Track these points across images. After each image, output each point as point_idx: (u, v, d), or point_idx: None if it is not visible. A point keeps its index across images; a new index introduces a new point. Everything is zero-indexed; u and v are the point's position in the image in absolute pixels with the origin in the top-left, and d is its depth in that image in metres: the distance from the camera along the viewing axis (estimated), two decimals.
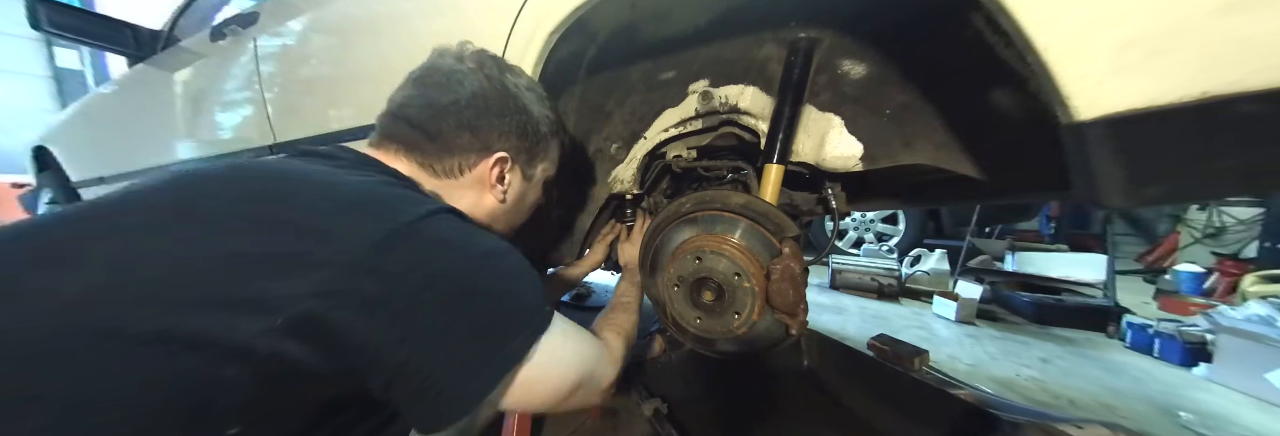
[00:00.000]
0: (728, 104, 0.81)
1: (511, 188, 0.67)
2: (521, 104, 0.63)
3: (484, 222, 0.67)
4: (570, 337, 0.52)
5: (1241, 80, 0.32)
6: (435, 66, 0.62)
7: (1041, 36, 0.38)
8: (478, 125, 0.61)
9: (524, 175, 0.69)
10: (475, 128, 0.60)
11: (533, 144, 0.67)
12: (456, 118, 0.59)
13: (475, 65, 0.62)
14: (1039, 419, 0.76)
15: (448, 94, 0.60)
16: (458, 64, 0.61)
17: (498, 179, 0.65)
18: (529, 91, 0.65)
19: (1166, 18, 0.34)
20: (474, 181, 0.63)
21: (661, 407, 0.88)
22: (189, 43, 1.53)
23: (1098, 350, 2.03)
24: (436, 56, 0.63)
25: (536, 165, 0.70)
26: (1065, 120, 0.39)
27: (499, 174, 0.64)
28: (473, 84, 0.60)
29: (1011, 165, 0.65)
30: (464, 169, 0.62)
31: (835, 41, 0.72)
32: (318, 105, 1.17)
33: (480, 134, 0.61)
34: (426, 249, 0.43)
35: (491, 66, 0.62)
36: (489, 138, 0.62)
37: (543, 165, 0.71)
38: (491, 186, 0.65)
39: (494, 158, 0.63)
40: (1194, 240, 3.98)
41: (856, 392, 0.91)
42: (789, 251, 0.67)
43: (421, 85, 0.61)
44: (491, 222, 0.68)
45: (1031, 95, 0.41)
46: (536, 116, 0.65)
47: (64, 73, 6.26)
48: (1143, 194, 0.38)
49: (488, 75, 0.61)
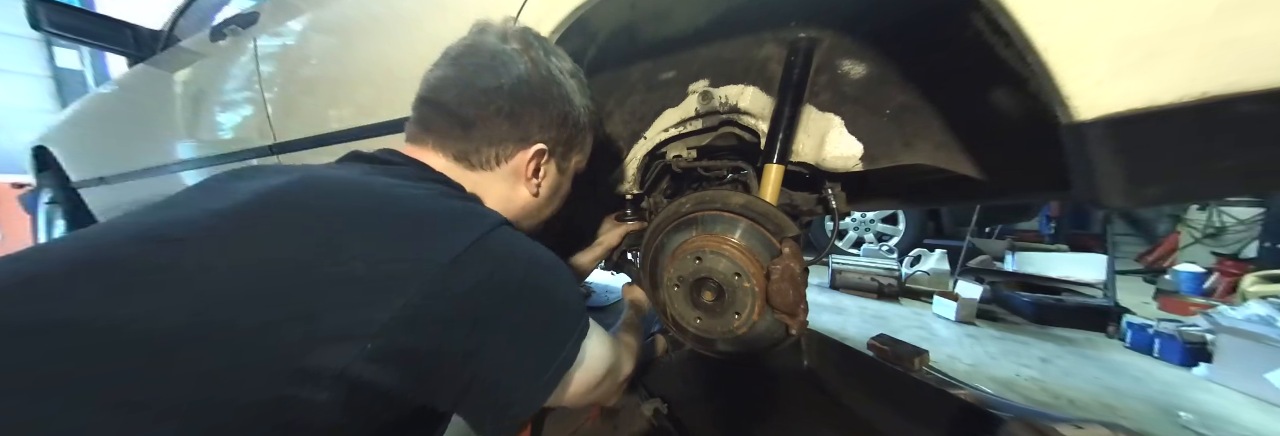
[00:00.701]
0: (728, 104, 0.81)
1: (546, 180, 0.64)
2: (565, 92, 0.59)
3: (517, 217, 0.64)
4: (603, 339, 0.55)
5: (1241, 80, 0.33)
6: (477, 45, 0.57)
7: (1041, 36, 0.38)
8: (518, 114, 0.56)
9: (558, 168, 0.65)
10: (515, 116, 0.56)
11: (572, 135, 0.63)
12: (495, 105, 0.55)
13: (521, 46, 0.57)
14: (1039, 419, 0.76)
15: (489, 78, 0.55)
16: (501, 44, 0.56)
17: (534, 172, 0.61)
18: (573, 78, 0.61)
19: (1166, 18, 0.34)
20: (509, 173, 0.60)
21: (661, 407, 0.88)
22: (189, 43, 1.53)
23: (1098, 350, 2.03)
24: (477, 34, 0.58)
25: (572, 157, 0.67)
26: (1065, 120, 0.39)
27: (536, 167, 0.61)
28: (517, 68, 0.55)
29: (1011, 165, 0.65)
30: (501, 159, 0.59)
31: (835, 41, 0.72)
32: (318, 105, 1.17)
33: (520, 123, 0.57)
34: (493, 266, 0.43)
35: (538, 49, 0.58)
36: (529, 128, 0.58)
37: (577, 157, 0.68)
38: (527, 179, 0.62)
39: (532, 150, 0.59)
40: (1194, 240, 3.98)
41: (856, 392, 0.91)
42: (789, 251, 0.67)
43: (460, 66, 0.56)
44: (523, 216, 0.66)
45: (1031, 95, 0.41)
46: (578, 106, 0.61)
47: (64, 73, 6.25)
48: (1143, 194, 0.38)
49: (533, 59, 0.56)
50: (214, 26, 1.42)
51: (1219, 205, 3.85)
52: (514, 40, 0.57)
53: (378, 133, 1.02)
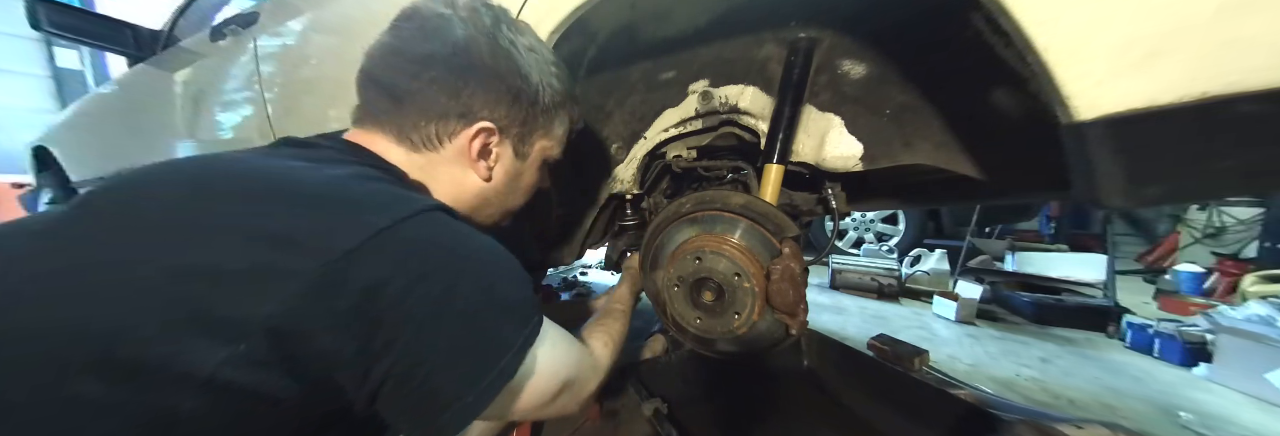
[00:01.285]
0: (728, 104, 0.81)
1: (499, 165, 0.58)
2: (517, 66, 0.53)
3: (473, 205, 0.59)
4: (558, 348, 0.48)
5: (1241, 80, 0.33)
6: (416, 10, 0.52)
7: (1041, 36, 0.38)
8: (457, 86, 0.51)
9: (515, 151, 0.59)
10: (454, 88, 0.51)
11: (529, 115, 0.57)
12: (429, 74, 0.50)
13: (467, 14, 0.51)
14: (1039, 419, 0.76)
15: (423, 44, 0.50)
16: (443, 8, 0.51)
17: (480, 153, 0.55)
18: (531, 53, 0.55)
19: (1166, 18, 0.34)
20: (455, 154, 0.54)
21: (661, 407, 0.88)
22: (189, 43, 1.53)
23: (1098, 350, 2.03)
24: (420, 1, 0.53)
25: (533, 142, 0.60)
26: (1065, 120, 0.39)
27: (481, 146, 0.55)
28: (456, 35, 0.50)
29: (1011, 165, 0.65)
30: (442, 138, 0.53)
31: (835, 41, 0.72)
32: (318, 105, 1.17)
33: (459, 96, 0.51)
34: (406, 255, 0.38)
35: (487, 16, 0.52)
36: (471, 102, 0.52)
37: (542, 143, 0.62)
38: (474, 161, 0.56)
39: (475, 127, 0.53)
40: (1194, 240, 3.98)
41: (856, 392, 0.91)
42: (789, 251, 0.67)
43: (395, 32, 0.52)
44: (482, 205, 0.60)
45: (1031, 95, 0.41)
46: (536, 83, 0.55)
47: (64, 73, 6.26)
48: (1143, 194, 0.38)
49: (477, 26, 0.51)
50: (214, 26, 1.42)
51: (1219, 205, 3.85)
52: (461, 8, 0.52)
53: None
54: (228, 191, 0.39)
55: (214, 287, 0.33)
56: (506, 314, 0.43)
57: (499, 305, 0.42)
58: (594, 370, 0.56)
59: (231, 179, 0.41)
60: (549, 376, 0.46)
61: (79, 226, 0.38)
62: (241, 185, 0.40)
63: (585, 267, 3.24)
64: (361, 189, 0.43)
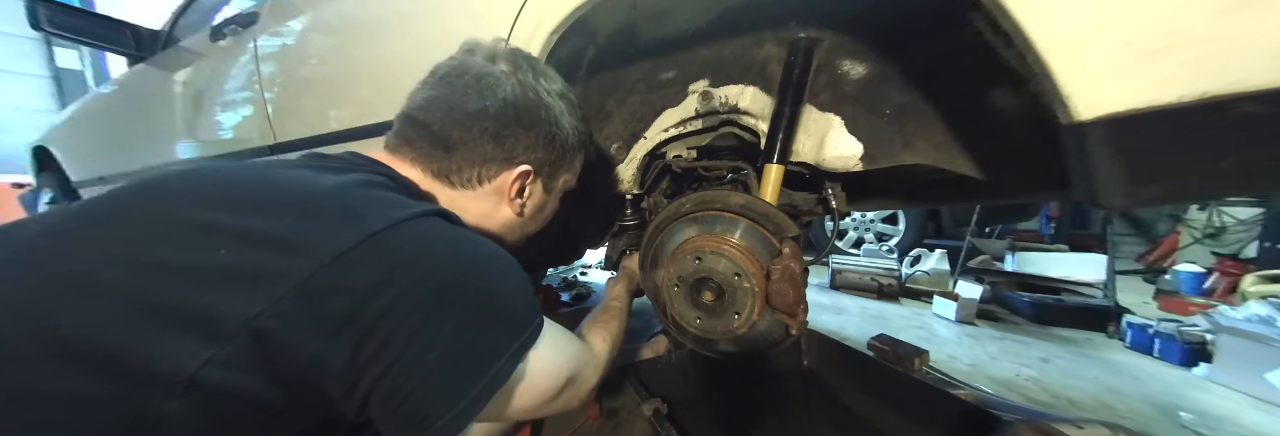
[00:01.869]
0: (728, 104, 0.81)
1: (531, 200, 0.64)
2: (553, 115, 0.59)
3: (494, 233, 0.63)
4: (559, 348, 0.49)
5: (1241, 80, 0.33)
6: (465, 66, 0.56)
7: (1041, 36, 0.38)
8: (503, 136, 0.56)
9: (545, 188, 0.65)
10: (500, 138, 0.56)
11: (559, 156, 0.62)
12: (480, 127, 0.55)
13: (509, 68, 0.56)
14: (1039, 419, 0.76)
15: (476, 100, 0.54)
16: (489, 65, 0.56)
17: (517, 192, 0.61)
18: (562, 100, 0.60)
19: (1167, 18, 0.34)
20: (492, 192, 0.59)
21: (661, 407, 0.88)
22: (189, 43, 1.53)
23: (1098, 350, 2.03)
24: (466, 54, 0.58)
25: (559, 177, 0.66)
26: (1065, 120, 0.39)
27: (520, 187, 0.61)
28: (504, 91, 0.55)
29: (1011, 165, 0.65)
30: (484, 179, 0.58)
31: (835, 41, 0.72)
32: (317, 105, 1.17)
33: (505, 145, 0.57)
34: (400, 259, 0.38)
35: (526, 71, 0.57)
36: (514, 149, 0.57)
37: (565, 177, 0.68)
38: (511, 200, 0.61)
39: (517, 171, 0.59)
40: (1194, 240, 3.98)
41: (856, 392, 0.91)
42: (789, 251, 0.67)
43: (448, 86, 0.55)
44: (505, 234, 0.65)
45: (1031, 95, 0.41)
46: (567, 129, 0.61)
47: (64, 73, 6.26)
48: (1143, 194, 0.38)
49: (521, 81, 0.56)
50: (214, 26, 1.42)
51: (1219, 205, 3.85)
52: (502, 61, 0.57)
53: (378, 132, 1.02)
54: (226, 197, 0.40)
55: (201, 286, 0.33)
56: (502, 320, 0.43)
57: (495, 311, 0.42)
58: (595, 366, 0.57)
59: (243, 185, 0.42)
60: (550, 375, 0.47)
61: (78, 228, 0.38)
62: (240, 188, 0.41)
63: (585, 267, 3.24)
64: (361, 194, 0.43)
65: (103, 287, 0.33)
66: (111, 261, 0.34)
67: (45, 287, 0.33)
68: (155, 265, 0.34)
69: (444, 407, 0.38)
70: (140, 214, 0.38)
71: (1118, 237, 3.18)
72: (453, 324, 0.39)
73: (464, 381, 0.39)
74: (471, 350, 0.40)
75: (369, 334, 0.35)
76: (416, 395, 0.37)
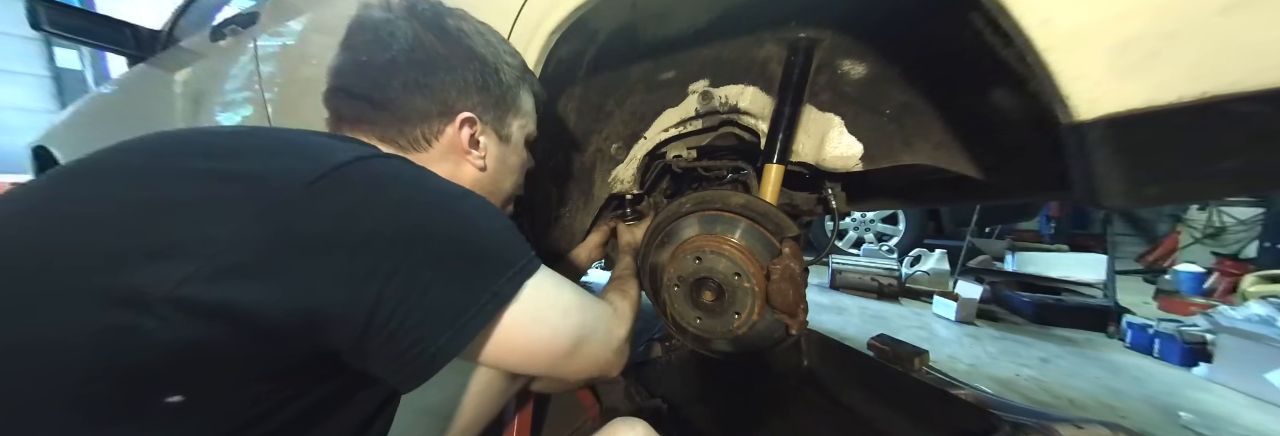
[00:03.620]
0: (728, 104, 0.81)
1: (489, 152, 0.59)
2: (471, 48, 0.54)
3: None
4: (565, 286, 0.46)
5: (1241, 80, 0.32)
6: (362, 21, 0.53)
7: (1041, 36, 0.38)
8: (427, 83, 0.52)
9: (499, 135, 0.60)
10: (425, 87, 0.52)
11: (500, 96, 0.58)
12: (400, 78, 0.51)
13: (406, 12, 0.52)
14: (1039, 419, 0.76)
15: (381, 51, 0.51)
16: (385, 13, 0.52)
17: (470, 143, 0.56)
18: (478, 34, 0.56)
19: (1167, 18, 0.34)
20: (446, 150, 0.55)
21: (661, 407, 0.88)
22: (189, 43, 1.53)
23: (1098, 350, 2.03)
24: (362, 9, 0.54)
25: (510, 121, 0.61)
26: (1065, 120, 0.38)
27: (470, 137, 0.56)
28: (406, 34, 0.51)
29: (1011, 165, 0.65)
30: (430, 138, 0.54)
31: (835, 41, 0.72)
32: (318, 105, 1.17)
33: (433, 94, 0.52)
34: (371, 187, 0.37)
35: (426, 9, 0.53)
36: (445, 96, 0.53)
37: (518, 121, 0.62)
38: (466, 153, 0.56)
39: (459, 119, 0.54)
40: (1194, 240, 3.98)
41: (856, 392, 0.91)
42: (789, 251, 0.67)
43: (351, 47, 0.53)
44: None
45: (1031, 95, 0.41)
46: (493, 62, 0.56)
47: (64, 73, 6.26)
48: (1143, 194, 0.38)
49: (423, 21, 0.52)
50: (214, 26, 1.42)
51: (1219, 205, 3.85)
52: (398, 9, 0.53)
53: None
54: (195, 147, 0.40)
55: (172, 217, 0.33)
56: (492, 242, 0.42)
57: (481, 233, 0.41)
58: (618, 317, 0.54)
59: (205, 133, 0.42)
60: (558, 314, 0.44)
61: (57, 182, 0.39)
62: (209, 138, 0.41)
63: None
64: (327, 140, 0.44)
65: (92, 222, 0.34)
66: (102, 200, 0.35)
67: (43, 226, 0.34)
68: (139, 202, 0.35)
69: (438, 327, 0.37)
70: (128, 163, 0.39)
71: (1118, 237, 3.17)
72: (440, 245, 0.38)
73: (459, 299, 0.38)
74: (466, 269, 0.39)
75: (351, 254, 0.34)
76: (410, 316, 0.36)
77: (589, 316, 0.48)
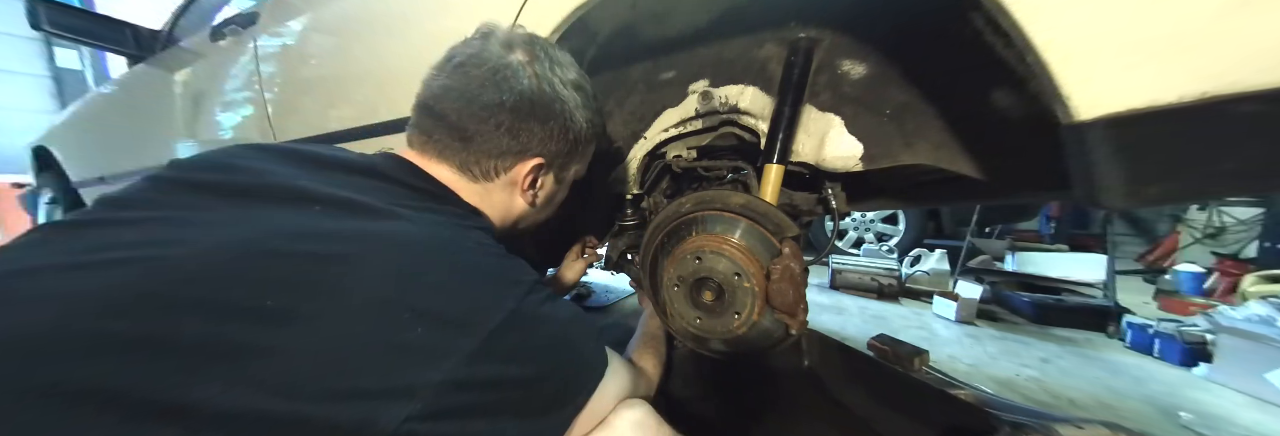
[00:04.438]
0: (728, 104, 0.81)
1: (543, 190, 0.65)
2: (568, 109, 0.59)
3: (515, 222, 0.67)
4: (619, 375, 0.54)
5: (1242, 80, 0.32)
6: (481, 55, 0.55)
7: (1041, 36, 0.38)
8: (518, 129, 0.56)
9: (556, 178, 0.67)
10: (515, 131, 0.56)
11: (572, 149, 0.63)
12: (496, 120, 0.55)
13: (526, 58, 0.55)
14: (1039, 419, 0.76)
15: (492, 93, 0.54)
16: (506, 54, 0.55)
17: (531, 183, 0.62)
18: (577, 92, 0.60)
19: (1167, 18, 0.34)
20: (507, 183, 0.61)
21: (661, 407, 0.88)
22: (189, 43, 1.53)
23: (1098, 350, 2.03)
24: (482, 39, 0.56)
25: (571, 168, 0.68)
26: (1065, 120, 0.38)
27: (533, 179, 0.62)
28: (520, 85, 0.54)
29: (1011, 165, 0.65)
30: (500, 172, 0.59)
31: (835, 41, 0.72)
32: (317, 105, 1.17)
33: (520, 138, 0.57)
34: (532, 330, 0.44)
35: (543, 61, 0.57)
36: (528, 142, 0.58)
37: (577, 167, 0.69)
38: (524, 191, 0.63)
39: (531, 164, 0.60)
40: (1194, 240, 3.99)
41: (856, 392, 0.91)
42: (789, 251, 0.67)
43: (464, 76, 0.55)
44: (520, 221, 0.68)
45: (1031, 95, 0.41)
46: (581, 122, 0.61)
47: (64, 73, 6.26)
48: (1143, 194, 0.38)
49: (537, 73, 0.55)
50: (214, 26, 1.42)
51: (1219, 205, 3.85)
52: (520, 50, 0.56)
53: (378, 133, 1.02)
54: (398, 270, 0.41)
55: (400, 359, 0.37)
56: (588, 364, 0.49)
57: (585, 359, 0.49)
58: (649, 388, 0.66)
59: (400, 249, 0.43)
60: (611, 399, 0.53)
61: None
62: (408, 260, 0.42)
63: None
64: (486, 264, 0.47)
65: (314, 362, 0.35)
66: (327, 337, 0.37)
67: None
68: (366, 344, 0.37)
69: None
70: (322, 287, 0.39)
71: (1118, 237, 3.18)
72: (561, 377, 0.46)
73: (556, 420, 0.45)
74: (567, 393, 0.46)
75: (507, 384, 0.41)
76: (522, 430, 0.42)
77: (628, 390, 0.57)
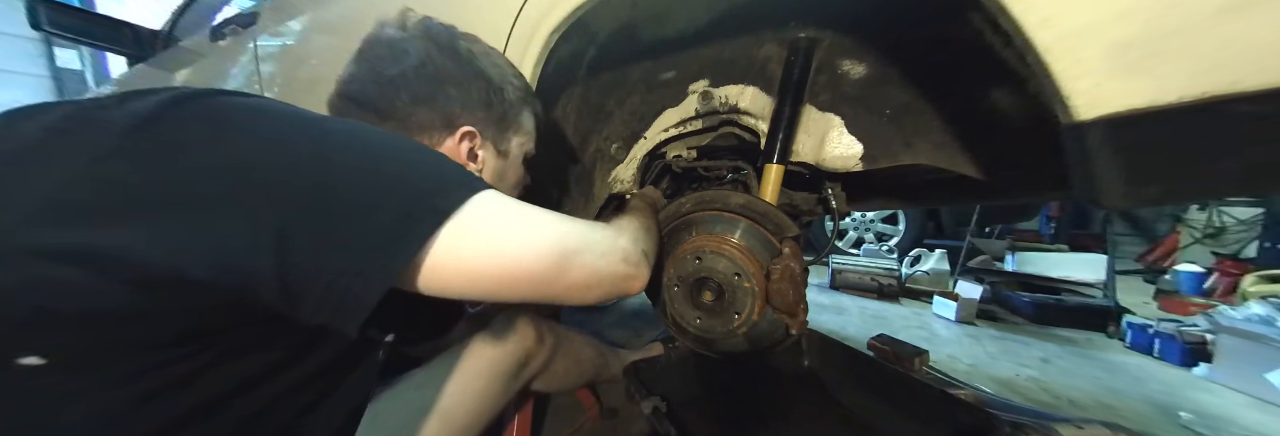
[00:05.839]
0: (728, 104, 0.81)
1: (486, 166, 0.61)
2: (479, 69, 0.58)
3: None
4: (530, 205, 0.42)
5: (1241, 80, 0.32)
6: (377, 38, 0.56)
7: (1041, 36, 0.38)
8: (433, 97, 0.55)
9: (497, 150, 0.62)
10: (430, 100, 0.55)
11: (501, 114, 0.60)
12: (408, 91, 0.54)
13: (421, 32, 0.56)
14: (1039, 419, 0.76)
15: (393, 65, 0.54)
16: (400, 32, 0.56)
17: (469, 156, 0.58)
18: (486, 56, 0.59)
19: (1167, 18, 0.34)
20: None
21: (661, 406, 0.88)
22: (189, 43, 1.53)
23: (1098, 350, 2.03)
24: (378, 27, 0.57)
25: (509, 138, 0.63)
26: (1065, 120, 0.39)
27: (469, 150, 0.58)
28: (419, 52, 0.54)
29: (1011, 165, 0.65)
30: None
31: (835, 41, 0.72)
32: (317, 105, 1.17)
33: (438, 107, 0.55)
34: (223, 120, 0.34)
35: (441, 32, 0.57)
36: (449, 110, 0.56)
37: (517, 138, 0.65)
38: (465, 166, 0.55)
39: (459, 132, 0.57)
40: (1194, 240, 3.99)
41: (856, 392, 0.91)
42: (789, 251, 0.67)
43: (364, 59, 0.56)
44: None
45: (1031, 95, 0.41)
46: (498, 82, 0.59)
47: (64, 73, 6.25)
48: (1143, 194, 0.38)
49: (436, 41, 0.56)
50: (214, 27, 1.42)
51: (1219, 205, 3.86)
52: (413, 28, 0.56)
53: None
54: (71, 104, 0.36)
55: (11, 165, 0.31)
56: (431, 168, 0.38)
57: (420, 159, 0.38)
58: (614, 229, 0.51)
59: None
60: (526, 223, 0.39)
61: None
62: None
63: None
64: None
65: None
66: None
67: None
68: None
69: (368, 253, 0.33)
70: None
71: (1118, 237, 3.18)
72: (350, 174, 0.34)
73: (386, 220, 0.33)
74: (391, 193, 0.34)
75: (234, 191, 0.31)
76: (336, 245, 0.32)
77: (573, 228, 0.43)
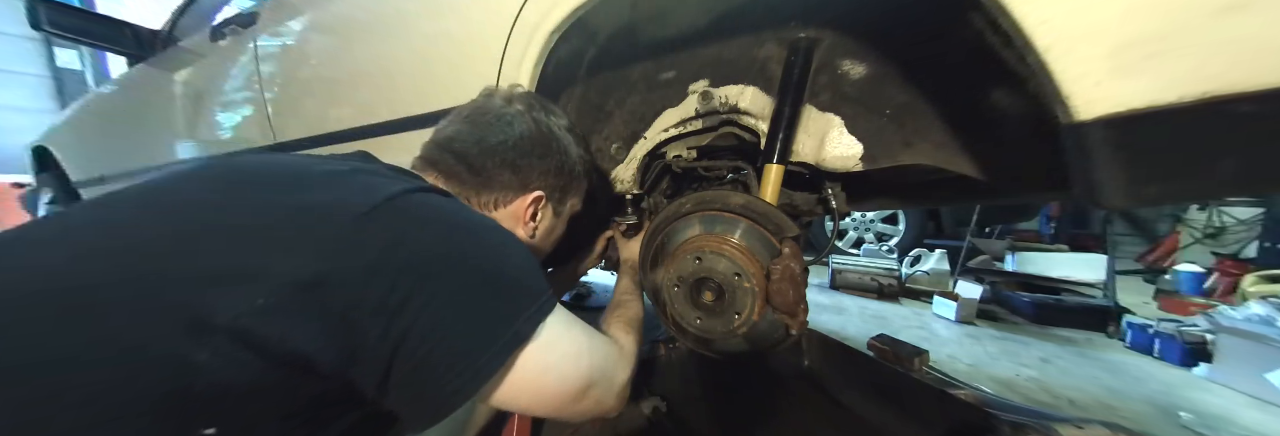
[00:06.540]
0: (728, 104, 0.81)
1: (542, 223, 0.71)
2: (562, 146, 0.68)
3: None
4: (576, 328, 0.49)
5: (1241, 80, 0.32)
6: (485, 107, 0.66)
7: (1041, 36, 0.38)
8: (520, 165, 0.64)
9: (555, 211, 0.73)
10: (517, 167, 0.64)
11: (567, 183, 0.71)
12: (502, 157, 0.63)
13: (524, 107, 0.66)
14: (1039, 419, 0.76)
15: (497, 134, 0.63)
16: (507, 106, 0.65)
17: (531, 216, 0.68)
18: (569, 133, 0.70)
19: (1167, 18, 0.34)
20: (508, 215, 0.66)
21: (660, 406, 0.88)
22: (189, 43, 1.53)
23: (1098, 350, 2.03)
24: (485, 97, 0.68)
25: (567, 202, 0.74)
26: (1065, 120, 0.38)
27: (533, 211, 0.68)
28: (521, 126, 0.64)
29: (1011, 165, 0.65)
30: (501, 204, 0.65)
31: (835, 41, 0.72)
32: (317, 105, 1.17)
33: (521, 173, 0.65)
34: (420, 216, 0.42)
35: (539, 109, 0.67)
36: (529, 176, 0.66)
37: (572, 201, 0.76)
38: (525, 223, 0.68)
39: (531, 196, 0.66)
40: (1194, 240, 3.99)
41: (856, 392, 0.91)
42: (789, 251, 0.67)
43: (472, 123, 0.64)
44: None
45: (1031, 95, 0.41)
46: (574, 158, 0.70)
47: (64, 73, 6.25)
48: (1143, 194, 0.38)
49: (535, 118, 0.66)
50: (214, 26, 1.42)
51: (1219, 205, 3.86)
52: (518, 102, 0.66)
53: (377, 132, 1.02)
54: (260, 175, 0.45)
55: (250, 244, 0.36)
56: (515, 280, 0.45)
57: (506, 271, 0.45)
58: (623, 358, 0.57)
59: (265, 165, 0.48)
60: (572, 358, 0.47)
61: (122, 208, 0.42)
62: (270, 170, 0.46)
63: None
64: (372, 174, 0.49)
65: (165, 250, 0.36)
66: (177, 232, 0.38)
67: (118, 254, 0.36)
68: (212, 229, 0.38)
69: (457, 364, 0.38)
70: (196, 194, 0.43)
71: (1118, 237, 3.18)
72: (468, 283, 0.41)
73: (483, 337, 0.40)
74: (489, 307, 0.41)
75: (394, 286, 0.37)
76: (436, 352, 0.38)
77: (598, 359, 0.50)
